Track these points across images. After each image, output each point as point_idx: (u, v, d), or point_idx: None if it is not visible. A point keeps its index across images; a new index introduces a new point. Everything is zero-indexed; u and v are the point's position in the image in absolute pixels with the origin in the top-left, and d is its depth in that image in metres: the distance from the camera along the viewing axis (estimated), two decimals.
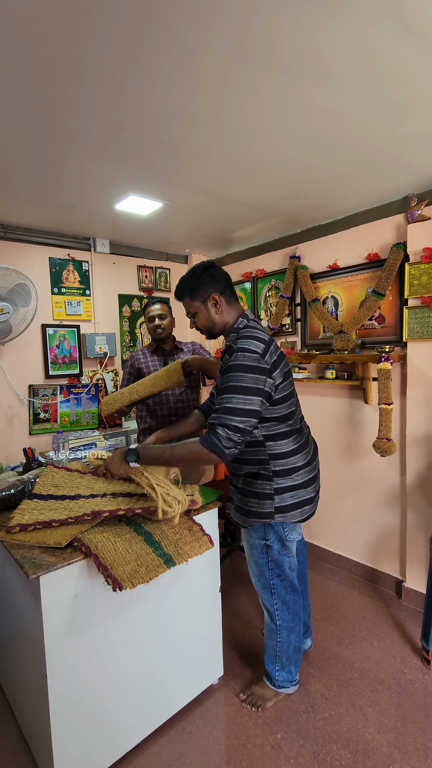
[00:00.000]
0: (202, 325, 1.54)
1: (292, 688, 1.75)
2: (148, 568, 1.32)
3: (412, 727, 1.60)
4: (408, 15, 1.07)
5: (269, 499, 1.51)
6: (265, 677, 1.76)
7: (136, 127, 1.56)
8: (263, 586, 1.66)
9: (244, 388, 1.33)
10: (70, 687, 1.32)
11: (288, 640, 1.68)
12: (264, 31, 1.11)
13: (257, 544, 1.60)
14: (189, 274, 1.52)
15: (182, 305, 1.60)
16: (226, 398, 1.34)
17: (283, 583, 1.63)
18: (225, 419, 1.32)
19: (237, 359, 1.36)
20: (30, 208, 2.35)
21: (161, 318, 2.27)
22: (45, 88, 1.33)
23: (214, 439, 1.32)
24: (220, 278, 1.51)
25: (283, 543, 1.58)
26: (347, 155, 1.81)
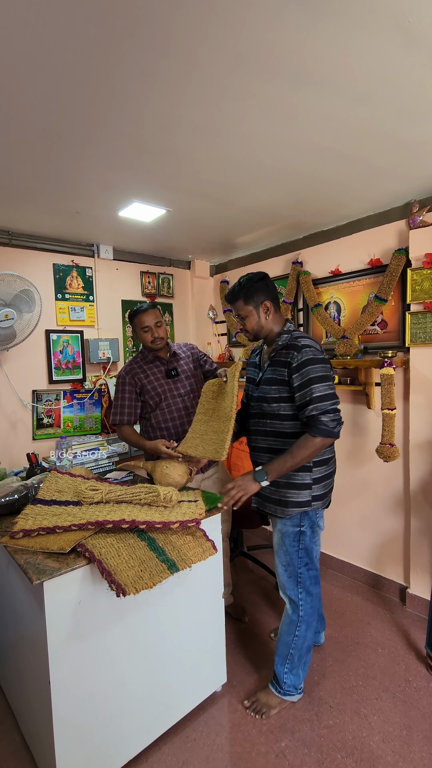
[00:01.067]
0: (250, 327, 1.68)
1: (297, 695, 1.73)
2: (152, 574, 1.32)
3: (418, 736, 1.59)
4: (410, 24, 1.08)
5: (308, 489, 1.61)
6: (272, 683, 1.75)
7: (140, 135, 1.58)
8: (290, 575, 1.68)
9: (324, 376, 1.53)
10: (73, 693, 1.31)
11: (305, 636, 1.69)
12: (267, 40, 1.13)
13: (290, 531, 1.65)
14: (246, 280, 1.66)
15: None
16: (314, 389, 1.51)
17: (309, 572, 1.68)
18: (322, 407, 1.50)
19: (307, 354, 1.54)
20: (34, 215, 2.37)
21: (158, 326, 2.04)
22: (51, 97, 1.35)
23: (323, 427, 1.49)
24: (272, 289, 1.68)
25: (314, 530, 1.67)
26: (349, 162, 1.83)
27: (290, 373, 1.55)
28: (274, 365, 1.62)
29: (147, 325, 2.03)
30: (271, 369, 1.63)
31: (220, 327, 3.60)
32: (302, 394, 1.52)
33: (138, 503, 1.61)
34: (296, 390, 1.54)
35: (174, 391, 2.09)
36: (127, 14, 1.03)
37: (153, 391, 2.07)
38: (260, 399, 1.68)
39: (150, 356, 2.11)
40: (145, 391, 2.07)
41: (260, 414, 1.69)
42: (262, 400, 1.66)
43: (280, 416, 1.62)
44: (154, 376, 2.09)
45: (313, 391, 1.50)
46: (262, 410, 1.67)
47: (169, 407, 2.09)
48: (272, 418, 1.64)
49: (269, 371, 1.64)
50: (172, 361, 2.14)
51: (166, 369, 2.11)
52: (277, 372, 1.60)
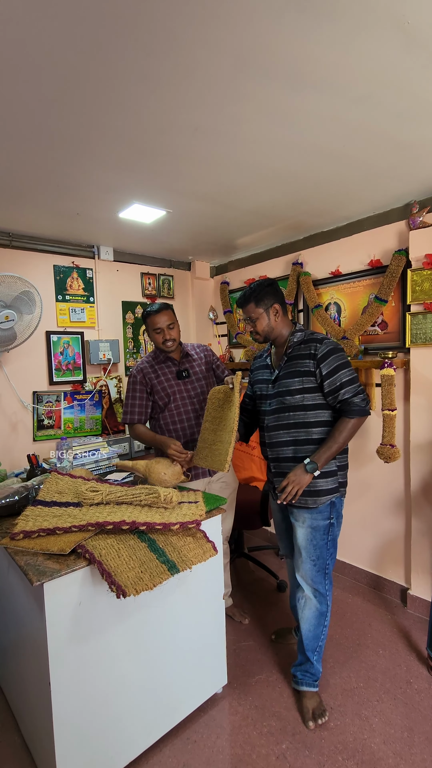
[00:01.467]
0: (261, 329, 1.76)
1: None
2: (152, 575, 1.31)
3: (419, 738, 1.58)
4: (409, 27, 1.08)
5: (334, 476, 1.70)
6: (304, 684, 1.74)
7: (141, 137, 1.59)
8: (318, 569, 1.71)
9: (347, 362, 1.65)
10: (74, 694, 1.31)
11: (328, 623, 1.76)
12: (267, 43, 1.13)
13: (321, 525, 1.70)
14: (257, 285, 1.76)
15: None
16: (342, 374, 1.62)
17: (332, 560, 1.75)
18: (354, 389, 1.62)
19: (330, 344, 1.66)
20: (35, 216, 2.37)
21: (170, 328, 2.00)
22: (52, 100, 1.35)
23: (357, 408, 1.61)
24: (280, 294, 1.78)
25: (338, 519, 1.75)
26: (349, 163, 1.83)
27: (317, 363, 1.64)
28: (294, 359, 1.70)
29: (159, 327, 1.99)
30: (291, 363, 1.71)
31: (220, 328, 3.60)
32: (332, 381, 1.62)
33: (138, 504, 1.61)
34: (326, 378, 1.63)
35: (184, 393, 2.07)
36: (127, 18, 1.03)
37: (162, 391, 2.05)
38: (280, 394, 1.72)
39: (162, 356, 2.09)
40: (154, 391, 2.06)
41: (280, 409, 1.73)
42: (283, 394, 1.71)
43: (305, 407, 1.68)
44: (165, 376, 2.06)
45: (342, 376, 1.62)
46: (283, 404, 1.71)
47: (177, 408, 2.07)
48: (295, 409, 1.69)
49: (289, 365, 1.71)
50: (184, 362, 2.11)
51: (177, 370, 2.08)
52: (299, 364, 1.68)
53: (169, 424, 2.08)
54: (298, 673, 1.76)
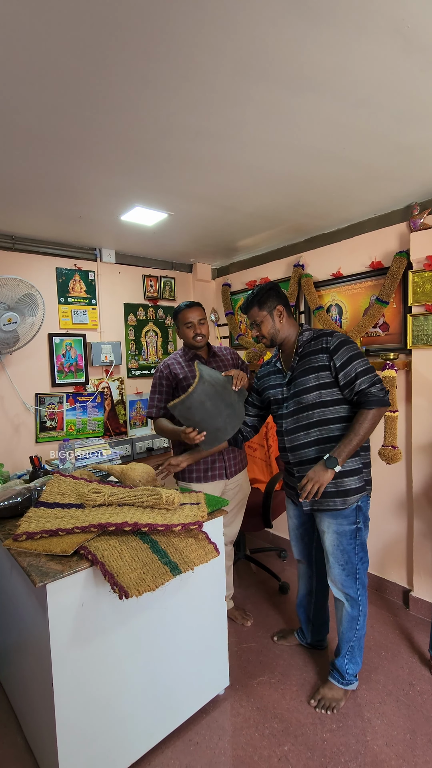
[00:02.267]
0: (266, 332, 1.76)
1: (356, 683, 1.78)
2: (154, 576, 1.32)
3: (422, 740, 1.58)
4: (408, 31, 1.09)
5: (359, 474, 1.68)
6: (333, 676, 1.78)
7: (142, 141, 1.60)
8: (348, 573, 1.70)
9: (360, 353, 1.63)
10: (76, 696, 1.31)
11: (363, 626, 1.75)
12: (267, 46, 1.14)
13: (347, 530, 1.68)
14: (258, 289, 1.77)
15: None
16: (357, 364, 1.59)
17: (363, 565, 1.72)
18: (370, 379, 1.58)
19: (340, 336, 1.65)
20: (38, 219, 2.39)
21: (201, 324, 2.06)
22: (54, 104, 1.36)
23: (375, 398, 1.56)
24: (282, 296, 1.78)
25: (365, 522, 1.72)
26: (350, 165, 1.84)
27: (330, 356, 1.63)
28: (306, 356, 1.70)
29: (191, 321, 2.05)
30: (304, 362, 1.70)
31: (222, 330, 3.61)
32: (347, 372, 1.60)
33: (140, 506, 1.61)
34: (340, 369, 1.61)
35: None
36: (127, 22, 1.04)
37: (188, 386, 2.03)
38: (296, 394, 1.71)
39: (190, 353, 2.13)
40: (180, 387, 2.08)
41: (298, 409, 1.71)
42: (300, 394, 1.70)
43: (324, 403, 1.66)
44: (191, 373, 2.07)
45: (357, 366, 1.59)
46: (301, 404, 1.70)
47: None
48: (314, 407, 1.68)
49: (302, 364, 1.71)
50: (211, 361, 2.14)
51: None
52: (312, 361, 1.67)
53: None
54: (331, 666, 1.80)
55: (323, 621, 2.02)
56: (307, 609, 2.02)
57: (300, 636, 2.10)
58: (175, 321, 2.12)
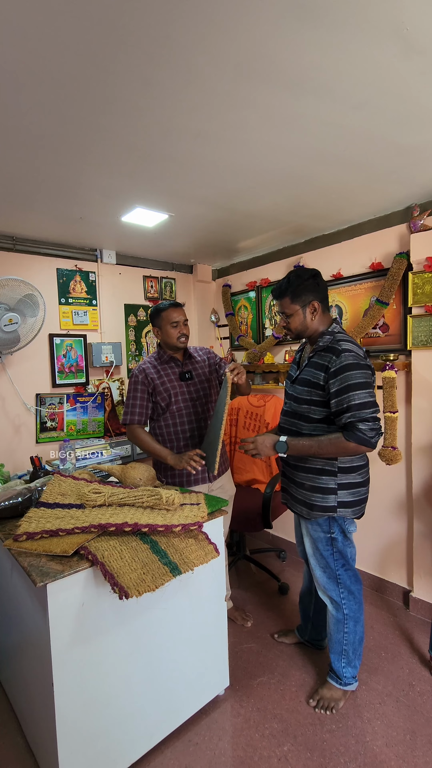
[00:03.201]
0: (294, 327, 1.65)
1: (355, 684, 1.77)
2: (154, 577, 1.32)
3: (422, 741, 1.58)
4: (408, 33, 1.10)
5: (333, 494, 1.61)
6: (331, 677, 1.78)
7: (142, 143, 1.60)
8: (329, 576, 1.69)
9: (363, 383, 1.47)
10: (77, 696, 1.32)
11: (354, 631, 1.71)
12: (266, 49, 1.15)
13: (322, 537, 1.67)
14: (295, 277, 1.61)
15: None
16: (353, 396, 1.45)
17: (347, 572, 1.69)
18: (360, 415, 1.44)
19: (347, 359, 1.48)
20: (39, 220, 2.39)
21: (186, 324, 2.02)
22: (56, 107, 1.37)
23: (360, 435, 1.43)
24: (322, 288, 1.63)
25: (345, 535, 1.67)
26: (350, 167, 1.84)
27: (327, 378, 1.51)
28: (312, 366, 1.60)
29: (176, 320, 1.99)
30: (308, 369, 1.61)
31: (222, 331, 3.61)
32: (339, 401, 1.48)
33: (140, 506, 1.62)
34: (333, 396, 1.49)
35: (186, 395, 2.04)
36: (129, 26, 1.05)
37: (165, 392, 2.01)
38: (292, 398, 1.68)
39: (166, 356, 2.07)
40: (156, 392, 2.02)
41: (290, 413, 1.70)
42: (294, 400, 1.66)
43: (309, 419, 1.60)
44: (168, 377, 2.03)
45: (351, 398, 1.45)
46: (293, 409, 1.68)
47: (179, 410, 2.03)
48: (301, 419, 1.63)
49: (306, 371, 1.63)
50: (187, 363, 2.09)
51: (180, 371, 2.06)
52: (312, 374, 1.58)
53: (170, 426, 2.05)
54: (329, 667, 1.80)
55: (324, 622, 2.02)
56: (307, 607, 2.02)
57: (299, 632, 2.11)
58: (156, 321, 2.03)
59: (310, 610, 2.01)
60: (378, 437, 1.47)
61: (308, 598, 2.01)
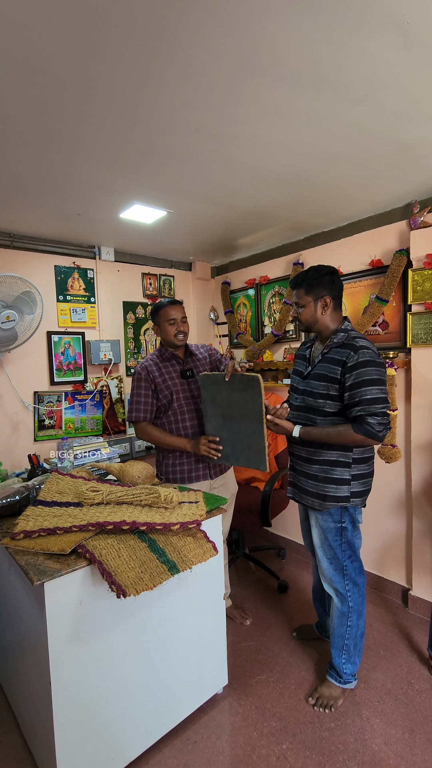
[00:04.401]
0: (304, 318, 1.70)
1: (354, 682, 1.77)
2: (152, 575, 1.31)
3: (420, 739, 1.58)
4: (409, 27, 1.08)
5: (346, 485, 1.65)
6: (330, 675, 1.78)
7: (141, 138, 1.59)
8: (336, 568, 1.70)
9: (377, 380, 1.52)
10: (74, 694, 1.31)
11: (357, 625, 1.72)
12: (267, 43, 1.13)
13: (332, 527, 1.68)
14: (314, 271, 1.67)
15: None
16: (366, 391, 1.51)
17: (353, 564, 1.70)
18: (370, 409, 1.51)
19: (365, 355, 1.54)
20: (36, 217, 2.38)
21: (183, 321, 2.02)
22: (53, 101, 1.35)
23: (368, 428, 1.51)
24: (337, 286, 1.68)
25: (354, 524, 1.70)
26: (350, 163, 1.83)
27: (344, 372, 1.56)
28: (327, 362, 1.63)
29: (174, 318, 1.99)
30: (323, 365, 1.65)
31: (221, 328, 3.60)
32: (352, 394, 1.54)
33: (139, 504, 1.61)
34: (347, 389, 1.55)
35: (187, 392, 2.04)
36: (126, 17, 1.04)
37: (166, 389, 2.01)
38: (305, 393, 1.70)
39: (167, 354, 2.06)
40: (158, 390, 2.02)
41: (303, 407, 1.71)
42: (308, 395, 1.68)
43: (324, 413, 1.64)
44: (169, 375, 2.03)
45: (364, 393, 1.51)
46: (306, 404, 1.69)
47: (180, 408, 2.03)
48: (315, 413, 1.66)
49: (320, 367, 1.66)
50: (188, 361, 2.09)
51: (181, 369, 2.06)
52: (329, 369, 1.62)
53: (172, 423, 2.05)
54: (329, 665, 1.80)
55: None
56: (323, 602, 2.02)
57: (319, 629, 2.10)
58: (155, 318, 2.04)
59: (326, 605, 2.01)
60: (386, 431, 1.53)
61: (322, 592, 2.01)
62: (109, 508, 1.58)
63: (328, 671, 1.80)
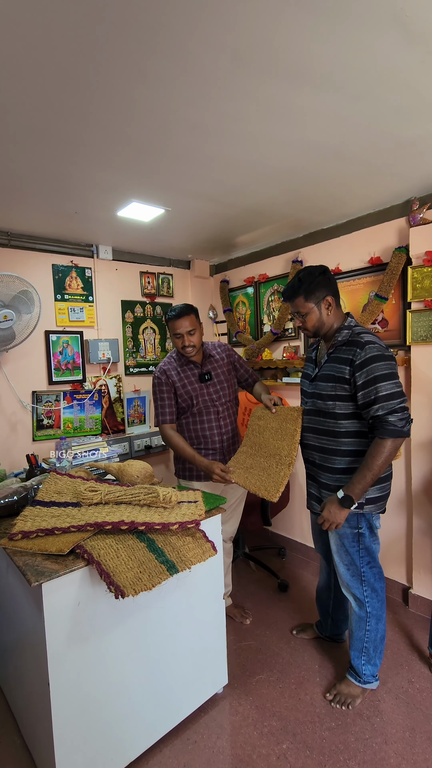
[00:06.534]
0: (311, 325, 1.64)
1: (375, 683, 1.76)
2: (151, 575, 1.31)
3: (421, 738, 1.57)
4: (408, 22, 1.07)
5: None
6: (350, 674, 1.77)
7: (138, 135, 1.57)
8: (353, 574, 1.68)
9: (390, 374, 1.47)
10: (73, 695, 1.30)
11: (376, 629, 1.70)
12: (264, 39, 1.12)
13: (348, 533, 1.65)
14: (307, 275, 1.60)
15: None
16: (380, 387, 1.45)
17: (372, 570, 1.67)
18: (389, 406, 1.45)
19: (372, 351, 1.49)
20: (33, 215, 2.36)
21: (190, 334, 1.97)
22: (49, 98, 1.34)
23: (392, 428, 1.44)
24: (333, 283, 1.63)
25: (372, 530, 1.66)
26: (349, 160, 1.81)
27: (353, 371, 1.50)
28: (333, 362, 1.59)
29: (179, 332, 1.97)
30: (329, 365, 1.60)
31: (220, 327, 3.59)
32: (366, 393, 1.48)
33: (137, 504, 1.60)
34: (360, 388, 1.49)
35: (206, 396, 2.05)
36: (123, 15, 1.02)
37: (186, 394, 2.03)
38: (314, 396, 1.66)
39: (185, 358, 2.07)
40: (177, 394, 2.04)
41: (314, 411, 1.68)
42: (317, 397, 1.64)
43: (335, 414, 1.59)
44: (188, 379, 2.04)
45: (379, 390, 1.45)
46: (316, 407, 1.66)
47: (200, 412, 2.05)
48: (326, 416, 1.62)
49: (327, 368, 1.61)
50: (206, 364, 2.08)
51: (199, 373, 2.06)
52: (335, 369, 1.57)
53: (190, 424, 2.08)
54: (349, 664, 1.79)
55: (345, 616, 2.01)
56: (326, 603, 2.01)
57: (319, 628, 2.10)
58: (167, 327, 2.06)
59: (329, 606, 2.00)
60: (409, 425, 1.47)
61: (326, 593, 2.00)
62: (107, 508, 1.58)
63: (348, 670, 1.79)
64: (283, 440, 1.75)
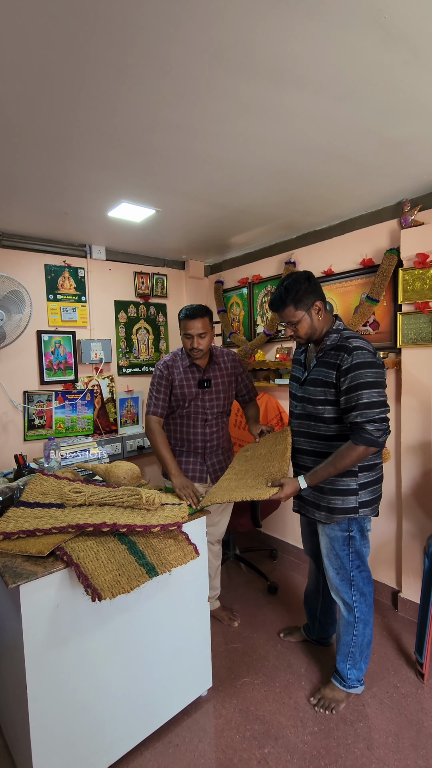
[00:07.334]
0: (304, 333, 1.61)
1: (360, 688, 1.75)
2: (130, 578, 1.30)
3: (404, 743, 1.56)
4: (386, 21, 1.06)
5: (354, 495, 1.59)
6: (335, 678, 1.76)
7: (122, 135, 1.57)
8: (342, 578, 1.67)
9: (374, 382, 1.46)
10: (52, 697, 1.30)
11: (363, 633, 1.69)
12: (242, 39, 1.11)
13: (339, 536, 1.64)
14: (292, 283, 1.58)
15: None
16: (362, 395, 1.45)
17: (362, 574, 1.67)
18: (368, 415, 1.44)
19: (359, 357, 1.48)
20: (24, 215, 2.36)
21: (201, 337, 1.94)
22: (37, 99, 1.33)
23: (367, 436, 1.44)
24: (318, 287, 1.61)
25: (363, 533, 1.65)
26: (338, 160, 1.80)
27: (339, 375, 1.50)
28: (322, 366, 1.58)
29: (190, 333, 1.95)
30: (318, 369, 1.60)
31: (215, 327, 3.57)
32: (348, 398, 1.48)
33: (121, 506, 1.60)
34: (343, 393, 1.49)
35: (200, 402, 2.04)
36: (97, 13, 1.02)
37: (181, 395, 2.03)
38: (304, 400, 1.65)
39: (189, 360, 2.05)
40: (173, 392, 2.04)
41: (304, 415, 1.67)
42: (306, 401, 1.64)
43: (325, 419, 1.59)
44: (187, 380, 2.03)
45: (360, 397, 1.45)
46: (306, 411, 1.65)
47: (189, 416, 2.05)
48: (316, 420, 1.62)
49: (315, 372, 1.61)
50: (209, 370, 2.06)
51: (200, 378, 2.04)
52: (323, 373, 1.57)
53: (178, 425, 2.09)
54: (334, 668, 1.78)
55: (333, 620, 2.00)
56: (313, 606, 2.01)
57: (306, 632, 2.09)
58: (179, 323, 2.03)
59: (317, 609, 1.99)
60: (385, 436, 1.47)
61: (314, 596, 1.99)
62: (91, 509, 1.57)
63: (333, 674, 1.78)
64: (272, 461, 1.72)
